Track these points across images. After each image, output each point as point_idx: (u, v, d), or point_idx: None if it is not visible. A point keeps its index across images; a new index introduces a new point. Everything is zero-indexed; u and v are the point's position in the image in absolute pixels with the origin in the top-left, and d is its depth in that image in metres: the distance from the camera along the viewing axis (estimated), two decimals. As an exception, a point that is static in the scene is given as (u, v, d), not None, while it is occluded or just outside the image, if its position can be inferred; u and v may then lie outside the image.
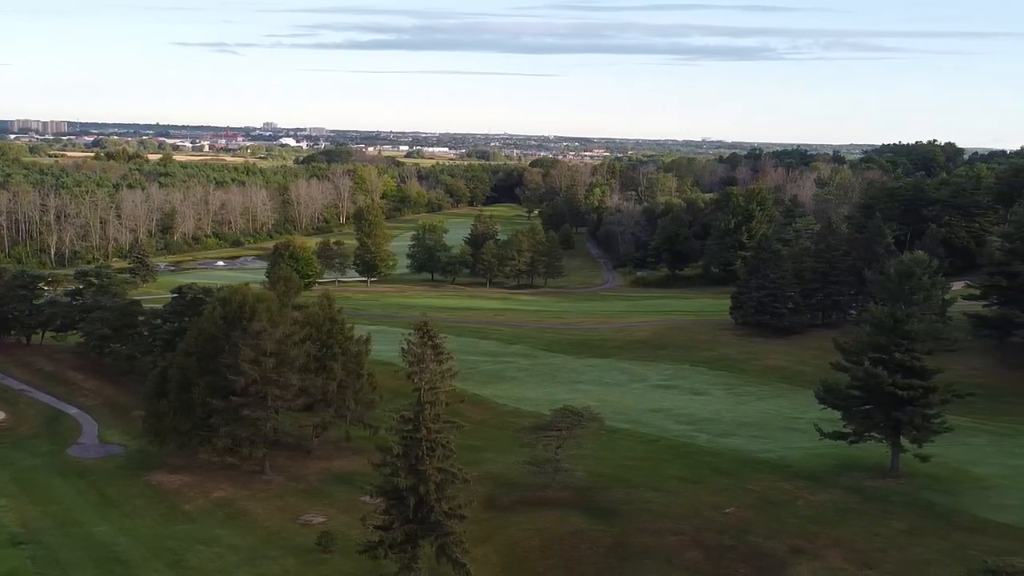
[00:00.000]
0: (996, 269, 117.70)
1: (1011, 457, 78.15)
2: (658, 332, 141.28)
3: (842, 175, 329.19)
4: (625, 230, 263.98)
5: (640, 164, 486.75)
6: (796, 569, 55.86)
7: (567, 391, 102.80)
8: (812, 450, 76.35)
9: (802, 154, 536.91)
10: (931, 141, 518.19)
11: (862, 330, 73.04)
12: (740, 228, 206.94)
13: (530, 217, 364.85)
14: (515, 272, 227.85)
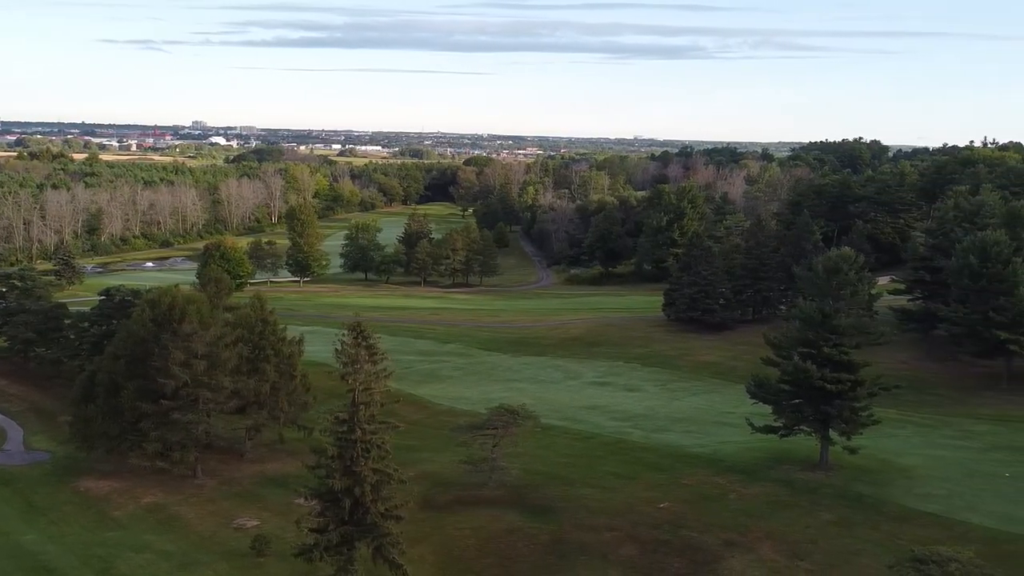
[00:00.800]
0: (920, 264, 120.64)
1: (936, 448, 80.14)
2: (592, 329, 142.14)
3: (771, 173, 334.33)
4: (559, 228, 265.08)
5: (573, 162, 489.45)
6: (729, 562, 56.63)
7: (503, 389, 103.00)
8: (744, 444, 77.49)
9: (732, 152, 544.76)
10: (857, 139, 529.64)
11: (791, 325, 74.22)
12: (672, 226, 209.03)
13: (464, 216, 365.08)
14: (450, 271, 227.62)
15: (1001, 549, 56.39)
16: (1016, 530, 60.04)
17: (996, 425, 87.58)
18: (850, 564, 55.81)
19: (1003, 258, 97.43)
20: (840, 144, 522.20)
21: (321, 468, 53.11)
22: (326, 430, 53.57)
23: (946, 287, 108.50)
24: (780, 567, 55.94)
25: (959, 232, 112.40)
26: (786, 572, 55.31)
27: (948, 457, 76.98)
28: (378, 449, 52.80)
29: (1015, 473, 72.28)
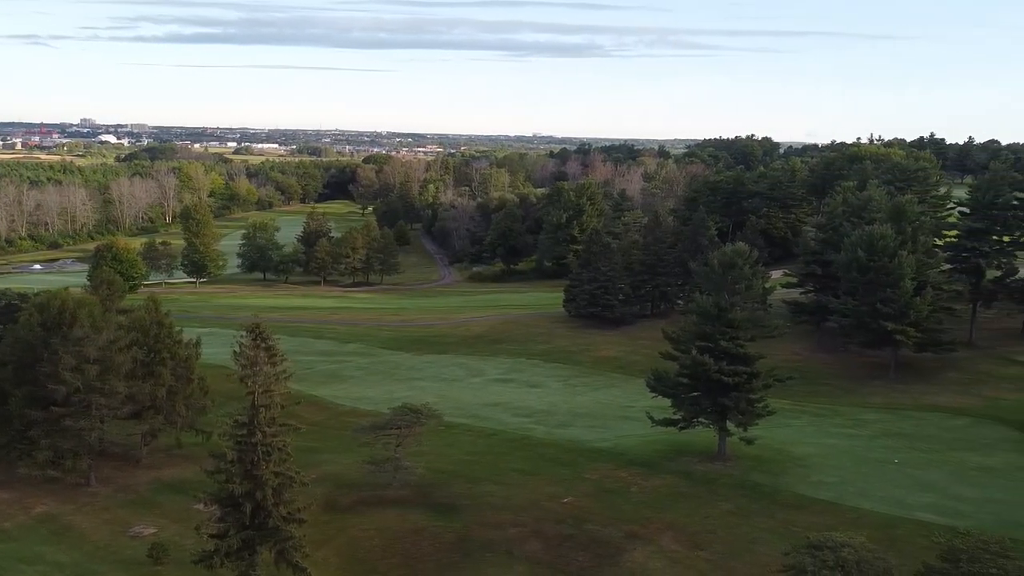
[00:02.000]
0: (811, 258, 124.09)
1: (828, 436, 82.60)
2: (495, 326, 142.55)
3: (667, 169, 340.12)
4: (460, 226, 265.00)
5: (473, 159, 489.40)
6: (631, 554, 57.44)
7: (406, 388, 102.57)
8: (645, 437, 78.66)
9: (629, 149, 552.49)
10: (749, 136, 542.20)
11: (689, 320, 75.53)
12: (571, 222, 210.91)
13: (364, 214, 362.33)
14: (350, 270, 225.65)
15: (891, 533, 58.47)
16: (905, 514, 62.28)
17: (885, 413, 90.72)
18: (748, 552, 57.13)
19: (889, 251, 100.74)
20: (734, 141, 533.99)
21: (221, 473, 52.13)
22: (225, 434, 52.57)
23: (836, 280, 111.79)
24: (681, 557, 56.96)
25: (847, 226, 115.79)
26: (686, 562, 56.34)
27: (840, 445, 79.43)
28: (279, 452, 52.07)
29: (903, 459, 75.03)
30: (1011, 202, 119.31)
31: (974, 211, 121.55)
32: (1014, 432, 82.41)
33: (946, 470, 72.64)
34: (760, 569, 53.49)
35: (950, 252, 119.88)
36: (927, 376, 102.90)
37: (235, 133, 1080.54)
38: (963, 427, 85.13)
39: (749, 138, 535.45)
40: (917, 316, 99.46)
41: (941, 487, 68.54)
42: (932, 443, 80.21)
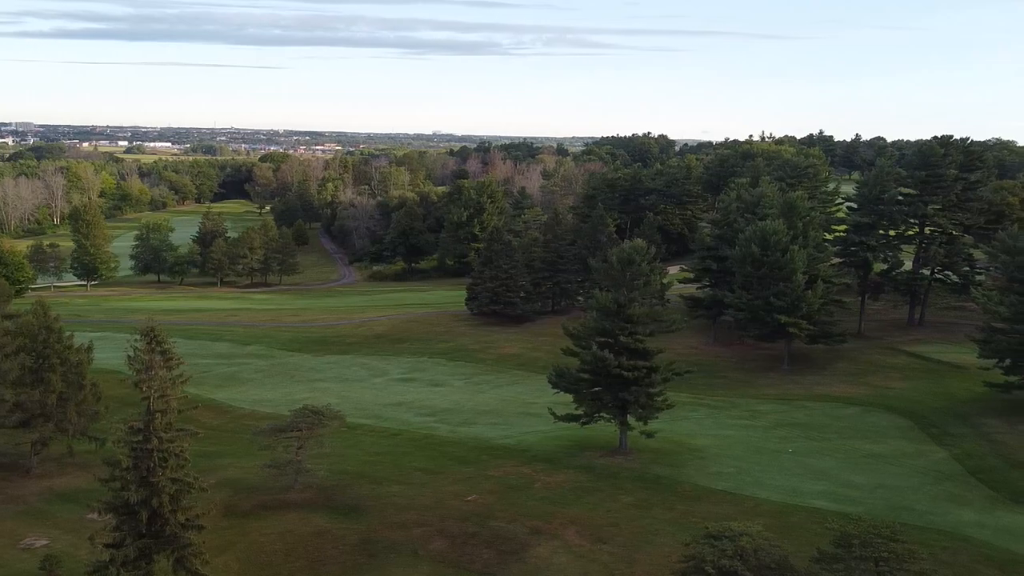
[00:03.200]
0: (707, 253, 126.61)
1: (725, 428, 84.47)
2: (396, 326, 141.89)
3: (566, 167, 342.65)
4: (360, 225, 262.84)
5: (373, 158, 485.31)
6: (536, 550, 57.81)
7: (307, 390, 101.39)
8: (547, 433, 79.27)
9: (529, 147, 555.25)
10: (646, 134, 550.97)
11: (589, 316, 76.34)
12: (472, 220, 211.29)
13: (262, 213, 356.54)
14: (248, 270, 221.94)
15: (787, 521, 60.07)
16: (800, 502, 64.10)
17: (779, 404, 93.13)
18: (650, 544, 58.02)
19: (781, 246, 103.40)
20: (631, 139, 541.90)
21: (115, 480, 50.72)
22: (119, 440, 51.14)
23: (731, 275, 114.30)
24: (584, 551, 57.55)
25: (741, 222, 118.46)
26: (590, 556, 56.95)
27: (737, 436, 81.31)
28: (176, 458, 50.91)
29: (797, 449, 77.18)
30: (896, 197, 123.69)
31: (861, 206, 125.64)
32: (902, 419, 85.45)
33: (838, 458, 74.98)
34: (662, 560, 54.36)
35: (839, 246, 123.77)
36: (819, 367, 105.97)
37: (126, 132, 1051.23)
38: (853, 416, 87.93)
39: (646, 136, 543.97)
40: (809, 309, 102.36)
41: (833, 474, 70.73)
42: (824, 432, 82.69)
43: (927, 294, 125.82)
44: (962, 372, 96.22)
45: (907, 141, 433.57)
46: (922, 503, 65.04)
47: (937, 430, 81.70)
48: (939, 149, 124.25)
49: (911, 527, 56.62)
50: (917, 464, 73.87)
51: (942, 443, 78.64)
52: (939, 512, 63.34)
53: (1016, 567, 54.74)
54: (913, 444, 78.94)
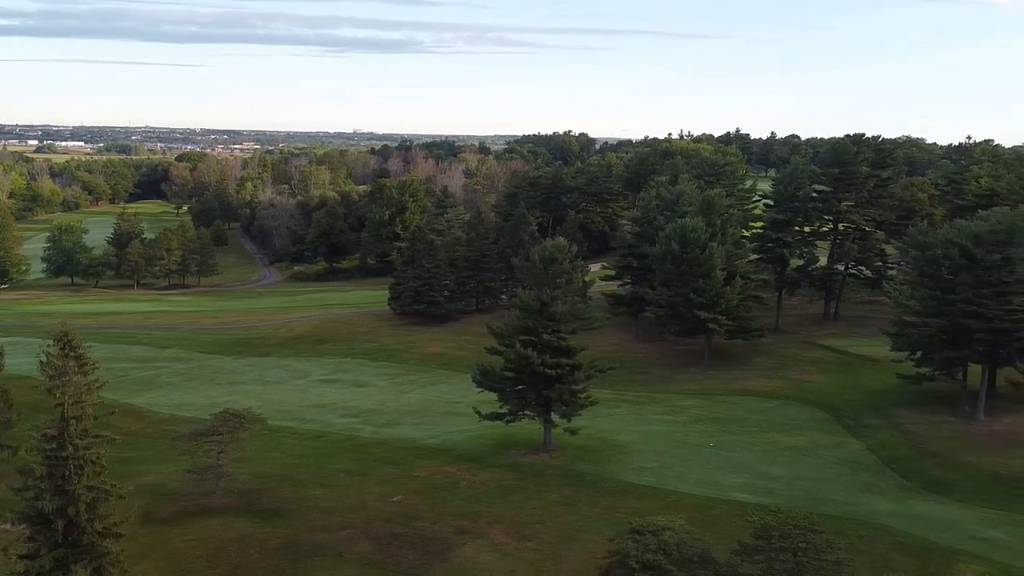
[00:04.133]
0: (628, 251, 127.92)
1: (647, 423, 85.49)
2: (318, 326, 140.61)
3: (488, 165, 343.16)
4: (280, 224, 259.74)
5: (292, 157, 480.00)
6: (462, 549, 57.83)
7: (227, 393, 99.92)
8: (472, 432, 79.33)
9: (451, 145, 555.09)
10: (567, 132, 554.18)
11: (512, 314, 76.63)
12: (394, 219, 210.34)
13: (179, 214, 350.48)
14: (165, 272, 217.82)
15: (708, 514, 61.04)
16: (721, 495, 65.20)
17: (700, 399, 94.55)
18: (575, 540, 58.44)
19: (700, 243, 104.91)
20: (552, 137, 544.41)
21: (29, 489, 49.40)
22: (33, 448, 49.80)
23: (652, 272, 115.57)
24: (510, 549, 57.74)
25: (661, 220, 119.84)
26: (516, 554, 57.16)
27: (659, 432, 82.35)
28: (92, 465, 49.76)
29: (718, 443, 78.49)
30: (811, 195, 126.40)
31: (777, 203, 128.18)
32: (818, 412, 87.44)
33: (757, 451, 76.44)
34: (587, 556, 54.77)
35: (756, 243, 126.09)
36: (738, 362, 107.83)
37: (36, 131, 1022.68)
38: (772, 409, 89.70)
39: (567, 134, 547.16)
40: (728, 305, 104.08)
41: (753, 467, 72.08)
42: (744, 425, 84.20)
43: (841, 289, 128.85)
44: (875, 365, 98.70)
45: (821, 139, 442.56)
46: (839, 494, 66.66)
47: (852, 422, 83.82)
48: (851, 147, 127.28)
49: (829, 517, 57.88)
50: (833, 455, 75.69)
51: (857, 434, 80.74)
52: (855, 502, 64.99)
53: (929, 554, 56.40)
54: (829, 436, 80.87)
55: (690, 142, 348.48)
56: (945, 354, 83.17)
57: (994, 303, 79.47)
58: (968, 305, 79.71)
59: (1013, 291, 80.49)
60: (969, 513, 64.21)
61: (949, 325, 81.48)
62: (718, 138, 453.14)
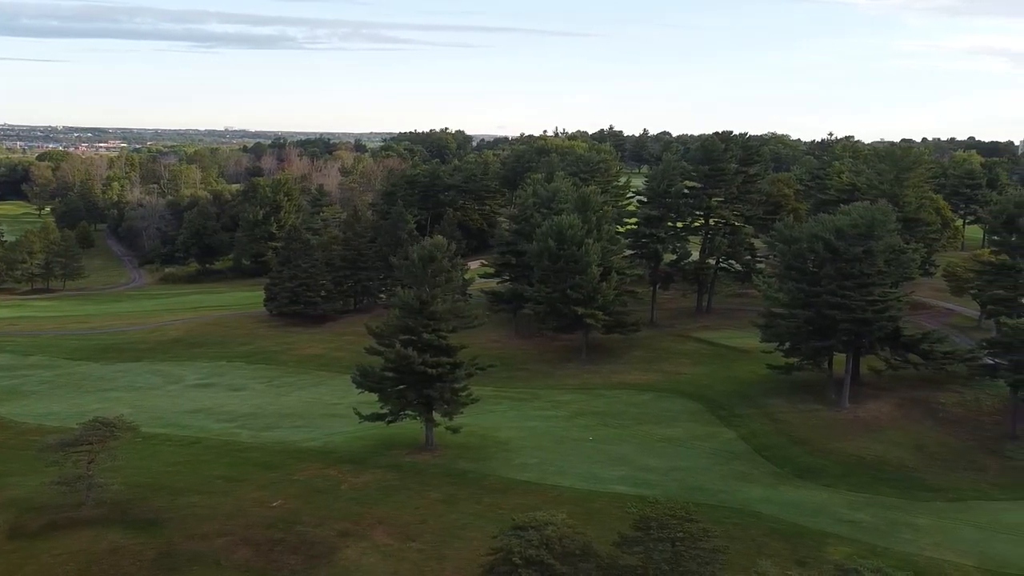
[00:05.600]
0: (506, 248, 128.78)
1: (528, 420, 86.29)
2: (192, 329, 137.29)
3: (364, 163, 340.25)
4: (149, 225, 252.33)
5: (161, 155, 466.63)
6: (344, 552, 57.39)
7: (97, 401, 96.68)
8: (353, 434, 78.73)
9: (326, 143, 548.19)
10: (444, 129, 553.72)
11: (392, 314, 76.32)
12: (269, 219, 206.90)
13: (41, 215, 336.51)
14: (28, 276, 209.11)
15: (589, 507, 62.07)
16: (601, 488, 66.36)
17: (579, 393, 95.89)
18: (458, 539, 58.62)
19: (577, 240, 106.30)
20: (429, 134, 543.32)
21: None
22: None
23: (530, 269, 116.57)
24: (394, 550, 57.57)
25: (538, 217, 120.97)
26: (399, 555, 57.03)
27: (540, 427, 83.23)
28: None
29: (598, 436, 79.81)
30: (682, 191, 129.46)
31: (650, 200, 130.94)
32: (693, 403, 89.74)
33: (635, 443, 78.04)
34: (471, 554, 54.99)
35: (631, 239, 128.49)
36: (615, 356, 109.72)
37: None
38: (648, 401, 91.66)
39: (444, 131, 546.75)
40: (604, 300, 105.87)
41: (632, 460, 73.57)
42: (622, 419, 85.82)
43: (713, 283, 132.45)
44: (746, 356, 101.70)
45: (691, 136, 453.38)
46: (714, 482, 68.62)
47: (725, 412, 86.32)
48: (720, 144, 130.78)
49: (704, 506, 59.63)
50: (708, 445, 77.86)
51: (730, 424, 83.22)
52: (730, 490, 67.01)
53: (800, 538, 58.63)
54: (704, 426, 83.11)
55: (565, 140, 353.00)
56: (812, 344, 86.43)
57: (856, 294, 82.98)
58: (832, 297, 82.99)
59: (874, 283, 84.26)
60: (837, 497, 66.98)
61: (815, 316, 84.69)
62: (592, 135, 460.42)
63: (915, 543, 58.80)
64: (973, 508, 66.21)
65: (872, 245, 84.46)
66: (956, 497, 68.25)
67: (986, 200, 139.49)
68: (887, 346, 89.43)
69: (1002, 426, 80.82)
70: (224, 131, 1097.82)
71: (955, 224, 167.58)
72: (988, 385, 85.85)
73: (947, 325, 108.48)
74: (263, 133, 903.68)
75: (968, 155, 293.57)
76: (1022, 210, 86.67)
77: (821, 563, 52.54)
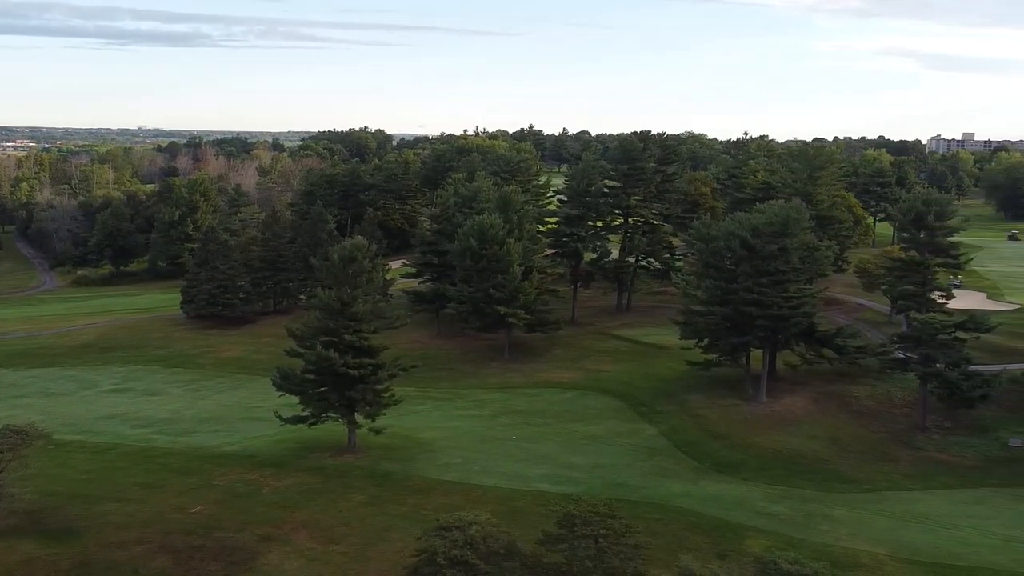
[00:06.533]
0: (428, 248, 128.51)
1: (451, 419, 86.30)
2: (106, 333, 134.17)
3: (283, 163, 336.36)
4: (60, 227, 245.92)
5: (72, 155, 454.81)
6: (266, 557, 56.72)
7: (7, 408, 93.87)
8: (274, 437, 77.87)
9: (243, 142, 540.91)
10: (363, 128, 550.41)
11: (313, 315, 75.65)
12: (185, 220, 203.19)
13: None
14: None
15: (514, 506, 62.34)
16: (525, 487, 66.73)
17: (502, 393, 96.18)
18: (383, 541, 58.37)
19: (499, 239, 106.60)
20: (348, 133, 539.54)
21: None
22: None
23: (452, 269, 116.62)
24: (317, 554, 57.09)
25: (460, 217, 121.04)
26: (323, 558, 56.57)
27: (463, 427, 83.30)
28: None
29: (521, 435, 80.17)
30: (602, 190, 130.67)
31: (571, 199, 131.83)
32: (614, 401, 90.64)
33: (558, 441, 78.58)
34: (395, 556, 54.82)
35: (552, 238, 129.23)
36: (538, 354, 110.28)
37: None
38: (571, 399, 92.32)
39: (363, 130, 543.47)
40: (526, 299, 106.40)
41: (555, 457, 74.07)
42: (545, 417, 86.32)
43: (633, 281, 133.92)
44: (666, 353, 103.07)
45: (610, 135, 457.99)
46: (636, 479, 69.47)
47: (646, 408, 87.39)
48: (639, 144, 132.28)
49: (627, 502, 60.35)
50: (630, 442, 78.75)
51: (651, 420, 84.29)
52: (651, 486, 67.91)
53: (720, 532, 59.68)
54: (625, 423, 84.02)
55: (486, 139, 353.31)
56: (729, 341, 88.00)
57: (772, 291, 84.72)
58: (749, 293, 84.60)
59: (789, 279, 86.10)
60: (755, 491, 68.33)
61: (732, 313, 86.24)
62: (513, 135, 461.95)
63: (831, 534, 60.32)
64: (886, 498, 68.13)
65: (787, 243, 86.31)
66: (870, 488, 70.18)
67: (895, 198, 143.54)
68: (802, 341, 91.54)
69: (913, 418, 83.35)
70: (137, 130, 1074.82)
71: (866, 221, 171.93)
72: (899, 378, 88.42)
73: (859, 320, 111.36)
74: (178, 132, 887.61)
75: (878, 154, 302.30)
76: (930, 208, 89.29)
77: (741, 556, 53.46)
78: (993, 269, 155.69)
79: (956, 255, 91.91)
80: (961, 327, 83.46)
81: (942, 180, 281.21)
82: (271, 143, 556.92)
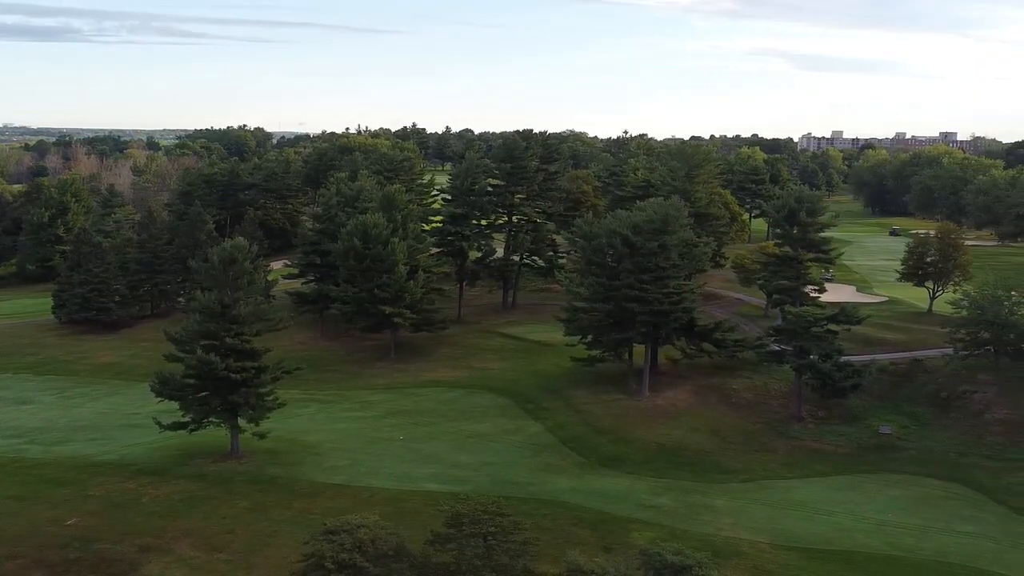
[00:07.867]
0: (310, 248, 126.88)
1: (337, 422, 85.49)
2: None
3: (158, 162, 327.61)
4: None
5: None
6: (147, 568, 55.29)
7: None
8: (154, 444, 75.95)
9: (116, 140, 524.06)
10: (242, 126, 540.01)
11: (192, 319, 73.99)
12: (56, 221, 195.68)
13: None
14: None
15: (402, 507, 62.20)
16: (413, 487, 66.65)
17: (389, 393, 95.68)
18: (268, 547, 57.52)
19: (383, 239, 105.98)
20: (226, 132, 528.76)
21: None
22: None
23: (336, 269, 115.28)
24: (200, 563, 55.89)
25: (343, 216, 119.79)
26: (206, 567, 55.41)
27: (350, 429, 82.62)
28: None
29: (408, 435, 79.95)
30: (486, 189, 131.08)
31: (455, 198, 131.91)
32: (501, 398, 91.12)
33: (446, 441, 78.64)
34: (281, 561, 54.06)
35: (437, 236, 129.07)
36: (424, 354, 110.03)
37: None
38: (458, 398, 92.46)
39: (242, 128, 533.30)
40: (412, 299, 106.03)
41: (443, 457, 74.13)
42: (432, 416, 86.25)
43: (518, 278, 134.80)
44: (551, 349, 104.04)
45: (493, 133, 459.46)
46: (523, 475, 70.06)
47: (532, 405, 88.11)
48: (521, 142, 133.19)
49: (515, 499, 60.84)
50: (516, 439, 79.34)
51: (537, 417, 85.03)
52: (538, 482, 68.60)
53: (606, 525, 60.74)
54: (512, 421, 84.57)
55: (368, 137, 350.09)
56: (612, 336, 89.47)
57: (653, 287, 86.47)
58: (631, 290, 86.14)
59: (669, 275, 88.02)
60: (639, 484, 69.71)
61: (615, 309, 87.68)
62: (395, 133, 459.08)
63: (713, 524, 61.99)
64: (765, 488, 70.34)
65: (666, 239, 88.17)
66: (749, 478, 72.34)
67: (769, 195, 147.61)
68: (683, 336, 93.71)
69: (788, 409, 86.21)
70: (3, 128, 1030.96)
71: (742, 218, 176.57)
72: (775, 370, 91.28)
73: (737, 314, 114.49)
74: (46, 130, 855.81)
75: (752, 152, 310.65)
76: (802, 205, 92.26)
77: (626, 548, 54.45)
78: (862, 263, 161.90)
79: (827, 250, 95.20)
80: (833, 320, 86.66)
81: (813, 177, 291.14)
82: (146, 142, 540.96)
